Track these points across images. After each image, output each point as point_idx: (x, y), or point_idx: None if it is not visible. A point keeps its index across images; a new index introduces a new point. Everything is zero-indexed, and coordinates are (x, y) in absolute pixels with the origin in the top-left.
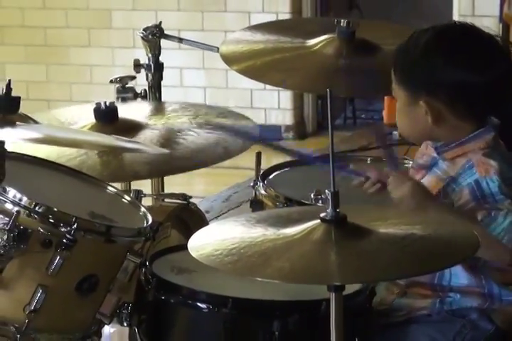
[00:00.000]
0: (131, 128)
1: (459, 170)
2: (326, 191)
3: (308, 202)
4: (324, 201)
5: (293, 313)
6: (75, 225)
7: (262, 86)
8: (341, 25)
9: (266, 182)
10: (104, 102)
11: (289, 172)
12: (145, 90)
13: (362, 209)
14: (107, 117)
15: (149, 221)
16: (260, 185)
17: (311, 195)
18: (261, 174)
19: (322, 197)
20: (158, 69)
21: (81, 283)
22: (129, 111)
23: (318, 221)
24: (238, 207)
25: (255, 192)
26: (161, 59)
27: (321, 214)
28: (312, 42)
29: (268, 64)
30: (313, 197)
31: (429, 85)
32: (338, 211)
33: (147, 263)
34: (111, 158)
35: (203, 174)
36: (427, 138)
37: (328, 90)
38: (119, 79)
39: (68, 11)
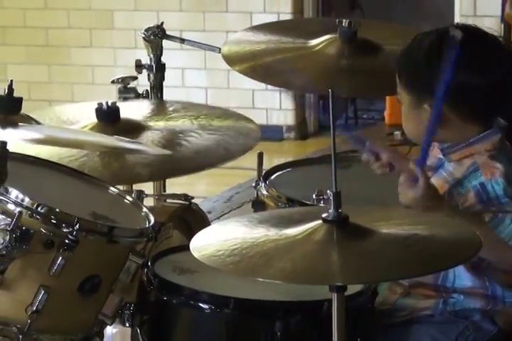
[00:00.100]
0: (133, 129)
1: (464, 172)
2: (328, 191)
3: (310, 202)
4: (326, 201)
5: (295, 314)
6: (77, 226)
7: (263, 86)
8: (343, 25)
9: (268, 182)
10: (106, 102)
11: (291, 172)
12: (147, 91)
13: (364, 210)
14: (109, 117)
15: (151, 221)
16: (262, 185)
17: (313, 196)
18: (263, 174)
19: (324, 197)
20: (160, 70)
21: (83, 284)
22: (129, 109)
23: (320, 221)
24: (240, 207)
25: (257, 193)
26: (163, 59)
27: (323, 215)
28: (314, 42)
29: (270, 64)
30: (315, 198)
31: (433, 88)
32: (340, 211)
33: (149, 264)
34: (112, 159)
35: (205, 174)
36: (433, 141)
37: (330, 90)
38: (120, 79)
39: (70, 12)
